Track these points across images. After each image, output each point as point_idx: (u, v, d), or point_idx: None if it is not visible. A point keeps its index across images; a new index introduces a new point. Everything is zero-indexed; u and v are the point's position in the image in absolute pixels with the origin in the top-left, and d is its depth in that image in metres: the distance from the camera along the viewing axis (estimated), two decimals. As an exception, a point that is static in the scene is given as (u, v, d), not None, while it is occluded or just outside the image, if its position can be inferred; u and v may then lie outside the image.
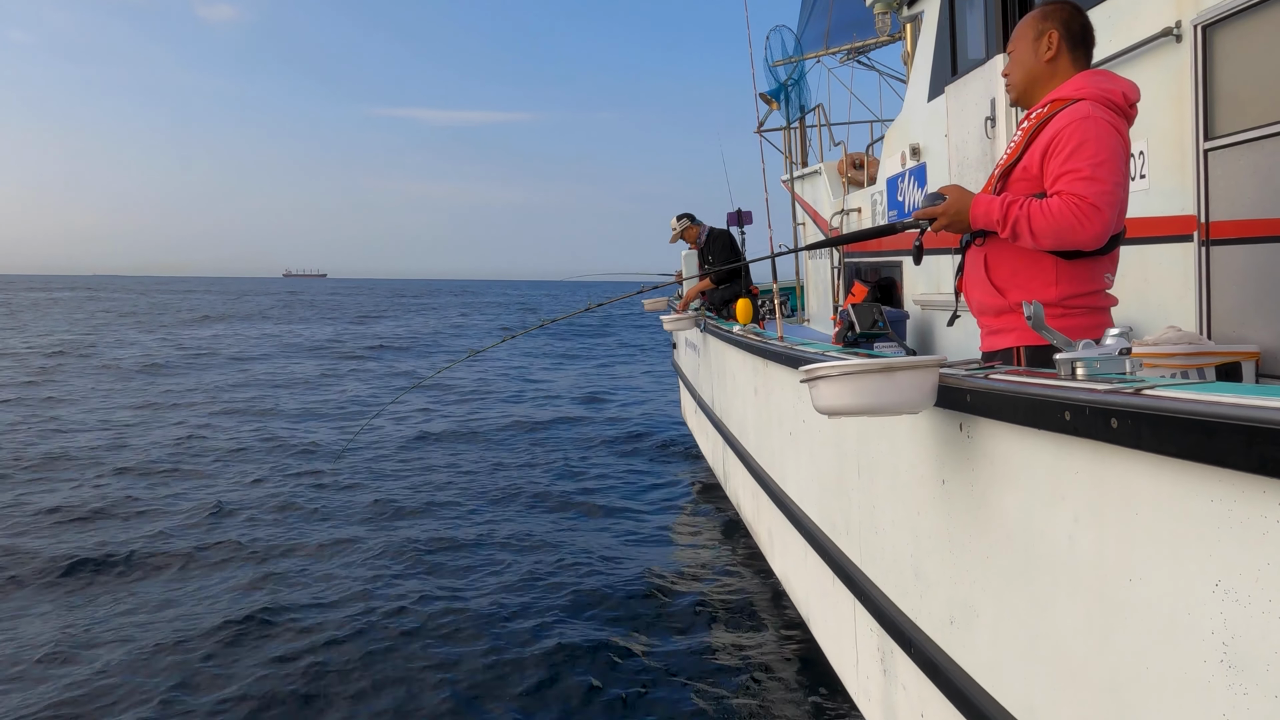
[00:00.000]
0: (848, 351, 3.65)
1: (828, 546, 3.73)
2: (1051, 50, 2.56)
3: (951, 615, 2.42)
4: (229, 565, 6.87)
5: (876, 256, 7.56)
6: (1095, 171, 2.31)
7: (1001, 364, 2.45)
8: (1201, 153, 3.33)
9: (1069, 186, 2.32)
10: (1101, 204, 2.29)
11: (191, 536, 7.59)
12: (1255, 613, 1.31)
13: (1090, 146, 2.32)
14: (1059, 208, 2.31)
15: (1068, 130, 2.36)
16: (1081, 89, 2.46)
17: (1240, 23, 3.14)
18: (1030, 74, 2.61)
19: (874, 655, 3.28)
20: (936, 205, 2.55)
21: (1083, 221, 2.28)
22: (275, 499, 8.83)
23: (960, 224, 2.53)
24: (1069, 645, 1.82)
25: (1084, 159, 2.32)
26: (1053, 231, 2.32)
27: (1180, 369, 3.11)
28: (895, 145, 6.85)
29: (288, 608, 5.86)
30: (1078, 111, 2.38)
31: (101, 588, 6.47)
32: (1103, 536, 1.68)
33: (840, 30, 10.63)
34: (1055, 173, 2.37)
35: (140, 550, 7.15)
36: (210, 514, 8.24)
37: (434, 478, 9.86)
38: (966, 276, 2.73)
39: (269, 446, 11.50)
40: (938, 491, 2.46)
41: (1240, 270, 3.22)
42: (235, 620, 5.62)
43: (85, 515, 8.29)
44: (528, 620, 5.65)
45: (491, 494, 9.13)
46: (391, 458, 10.89)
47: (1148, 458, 1.50)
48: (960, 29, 5.66)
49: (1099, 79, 2.51)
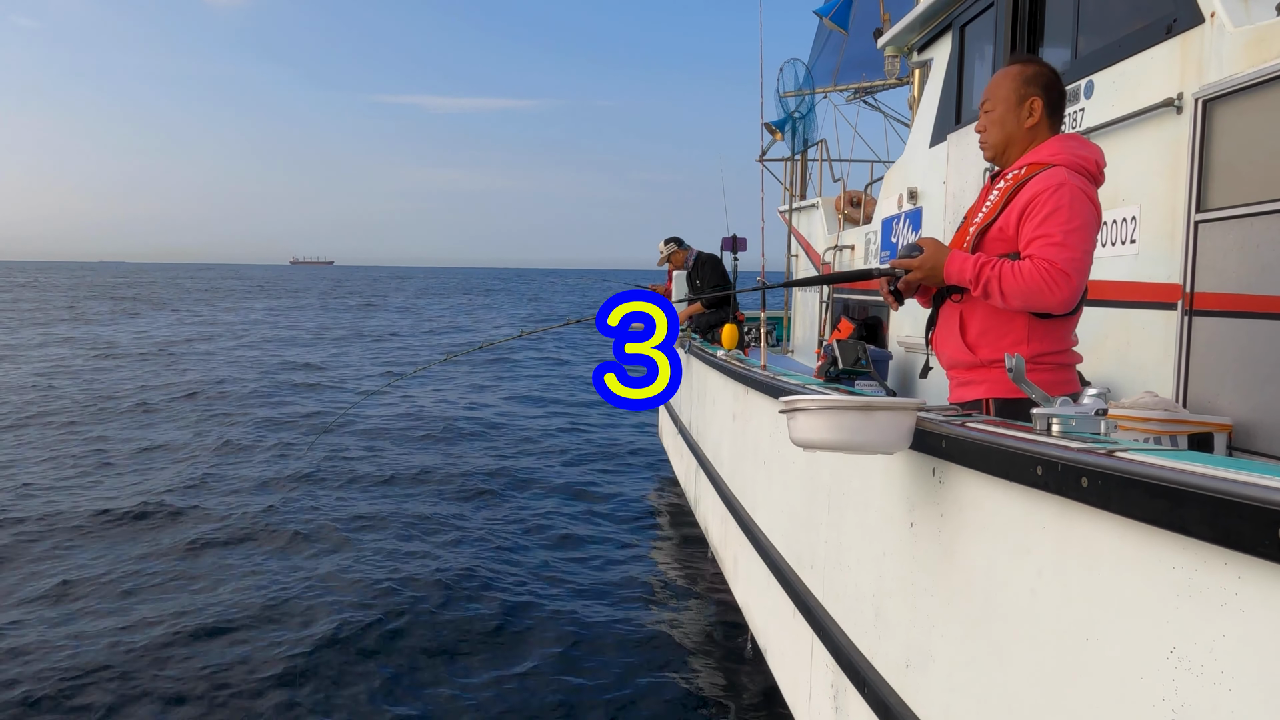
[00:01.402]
0: (829, 386, 3.67)
1: (791, 579, 3.73)
2: (1034, 118, 2.62)
3: (908, 658, 2.42)
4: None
5: (865, 295, 7.61)
6: (1066, 239, 2.37)
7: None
8: (1192, 224, 3.37)
9: (1041, 251, 2.38)
10: (1071, 270, 2.35)
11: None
12: (1206, 683, 1.32)
13: (1063, 214, 2.38)
14: (1030, 271, 2.37)
15: (1043, 196, 2.42)
16: (1057, 155, 2.52)
17: (1241, 100, 3.19)
18: (1009, 137, 2.66)
19: (827, 691, 3.27)
20: (913, 257, 2.60)
21: (1052, 286, 2.35)
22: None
23: (934, 277, 2.59)
24: (1022, 698, 1.83)
25: (1057, 225, 2.38)
26: (1022, 293, 2.39)
27: (1154, 434, 3.14)
28: (894, 187, 6.92)
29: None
30: (1054, 178, 2.44)
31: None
32: (1064, 593, 1.68)
33: (850, 68, 10.75)
34: (1029, 236, 2.43)
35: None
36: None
37: (396, 476, 9.79)
38: (939, 330, 2.78)
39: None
40: (905, 533, 2.46)
41: (1220, 342, 3.26)
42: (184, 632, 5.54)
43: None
44: (479, 635, 5.60)
45: (448, 501, 9.07)
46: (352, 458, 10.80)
47: (1115, 519, 1.51)
48: (968, 79, 5.73)
49: (1074, 146, 2.57)
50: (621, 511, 8.99)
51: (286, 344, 25.22)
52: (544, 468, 10.56)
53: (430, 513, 8.34)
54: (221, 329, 30.00)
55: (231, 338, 26.74)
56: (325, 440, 11.21)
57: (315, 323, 34.45)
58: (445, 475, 9.83)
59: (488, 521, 8.17)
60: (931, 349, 2.86)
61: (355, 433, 12.00)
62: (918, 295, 2.84)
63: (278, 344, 25.15)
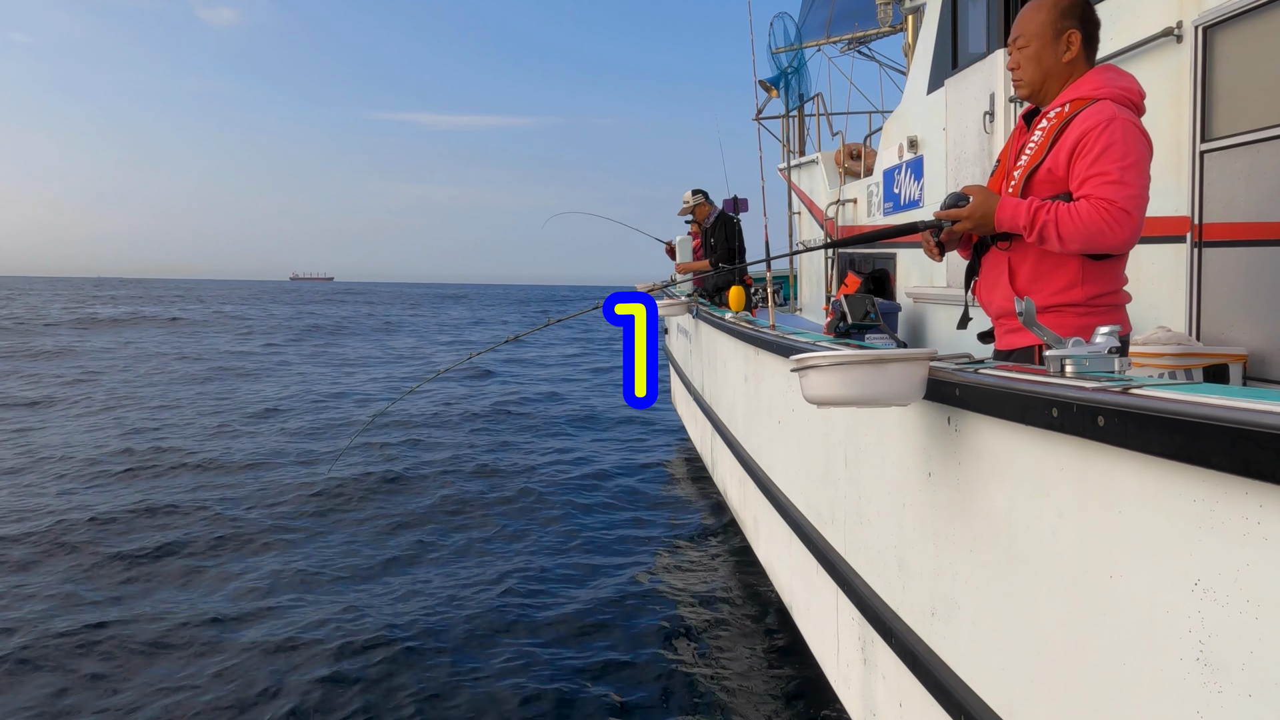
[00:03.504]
0: (839, 342, 3.66)
1: (813, 535, 3.75)
2: (1071, 51, 2.50)
3: (933, 607, 2.44)
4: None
5: (870, 248, 7.56)
6: (1124, 175, 2.28)
7: (1021, 361, 2.45)
8: (1197, 154, 3.33)
9: (1097, 190, 2.29)
10: (1131, 207, 2.27)
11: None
12: (1232, 612, 1.33)
13: (1118, 149, 2.29)
14: (1089, 212, 2.28)
15: (1094, 132, 2.32)
16: (1101, 89, 2.42)
17: (1241, 25, 3.14)
18: (1047, 73, 2.53)
19: (855, 644, 3.30)
20: (961, 206, 2.50)
21: (1113, 226, 2.26)
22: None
23: (984, 226, 2.48)
24: (1048, 640, 1.84)
25: (1112, 162, 2.29)
26: (1082, 236, 2.29)
27: (1168, 369, 3.13)
28: (893, 137, 6.84)
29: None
30: (1103, 112, 2.34)
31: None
32: (1085, 533, 1.69)
33: (842, 19, 10.59)
34: (1082, 175, 2.34)
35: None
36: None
37: (424, 459, 9.85)
38: (984, 279, 2.69)
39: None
40: (924, 484, 2.47)
41: (1231, 273, 3.24)
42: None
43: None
44: (503, 606, 5.66)
45: (468, 473, 9.14)
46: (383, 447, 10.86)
47: (1133, 456, 1.51)
48: (962, 22, 5.65)
49: (1115, 77, 2.47)
50: (640, 477, 9.04)
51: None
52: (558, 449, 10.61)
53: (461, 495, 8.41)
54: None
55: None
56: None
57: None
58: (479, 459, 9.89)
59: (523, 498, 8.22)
60: (975, 298, 2.77)
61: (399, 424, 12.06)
62: (958, 246, 2.75)
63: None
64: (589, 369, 21.31)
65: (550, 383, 17.97)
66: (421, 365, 21.70)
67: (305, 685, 4.54)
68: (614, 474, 9.31)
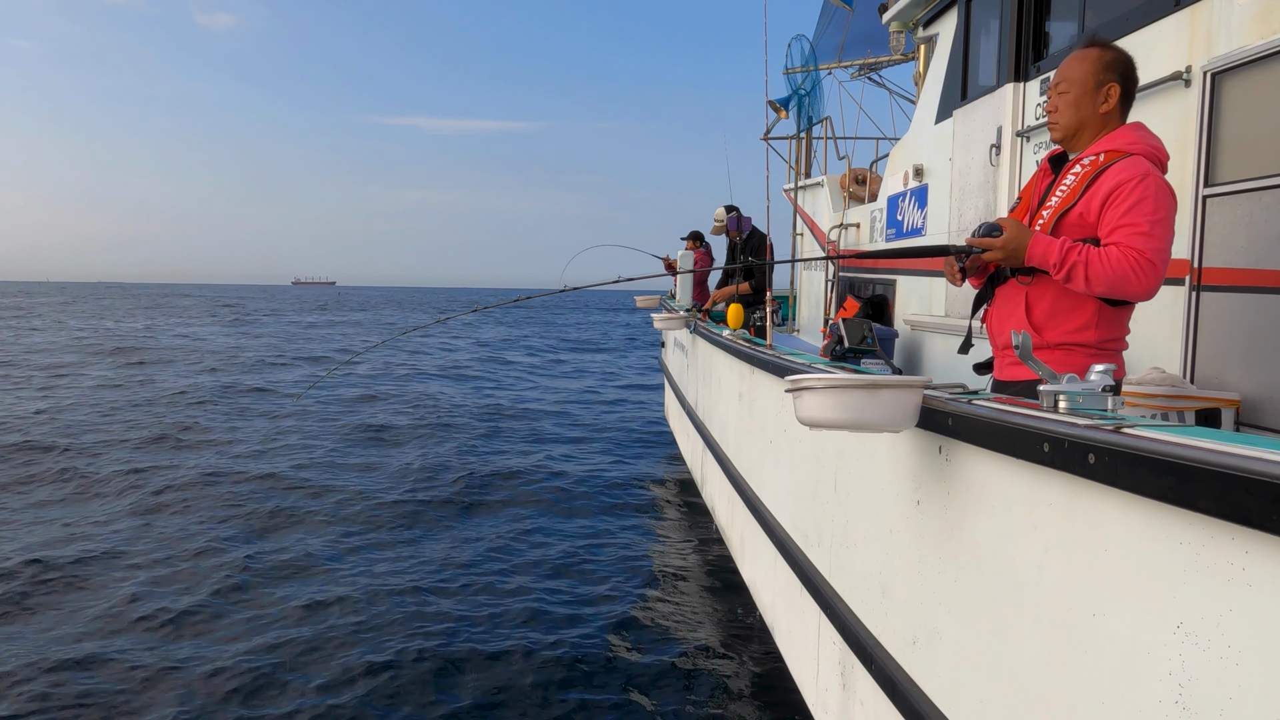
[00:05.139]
0: (835, 365, 3.66)
1: (798, 557, 3.74)
2: (1109, 104, 2.60)
3: (915, 635, 2.43)
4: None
5: (871, 273, 7.59)
6: (1153, 229, 2.39)
7: (1022, 395, 2.48)
8: (1200, 198, 3.35)
9: (1128, 239, 2.40)
10: (1157, 260, 2.38)
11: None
12: (1213, 657, 1.33)
13: (1149, 204, 2.40)
14: (1118, 259, 2.38)
15: (1129, 185, 2.42)
16: (1135, 144, 2.53)
17: (1250, 73, 3.16)
18: (1083, 121, 2.63)
19: (835, 668, 3.29)
20: (994, 237, 2.55)
21: (1139, 275, 2.37)
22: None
23: (1014, 259, 2.55)
24: (1028, 675, 1.83)
25: (1144, 215, 2.40)
26: (1109, 280, 2.39)
27: (1161, 410, 3.14)
28: (899, 164, 6.87)
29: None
30: (1138, 167, 2.44)
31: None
32: (1071, 569, 1.69)
33: (854, 45, 10.66)
34: (1113, 224, 2.44)
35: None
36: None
37: (398, 469, 9.82)
38: (997, 309, 2.76)
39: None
40: (912, 511, 2.47)
41: (1228, 318, 3.25)
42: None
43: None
44: (490, 618, 5.64)
45: (459, 485, 9.11)
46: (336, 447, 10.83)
47: (1122, 495, 1.51)
48: (973, 54, 5.68)
49: (1147, 135, 2.58)
50: (627, 489, 9.02)
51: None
52: (550, 445, 10.59)
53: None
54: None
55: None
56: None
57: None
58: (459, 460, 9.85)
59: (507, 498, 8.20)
60: (984, 327, 2.85)
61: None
62: (974, 275, 2.83)
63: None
64: (600, 386, 21.31)
65: (557, 396, 17.96)
66: (415, 367, 21.64)
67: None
68: (602, 486, 9.29)
